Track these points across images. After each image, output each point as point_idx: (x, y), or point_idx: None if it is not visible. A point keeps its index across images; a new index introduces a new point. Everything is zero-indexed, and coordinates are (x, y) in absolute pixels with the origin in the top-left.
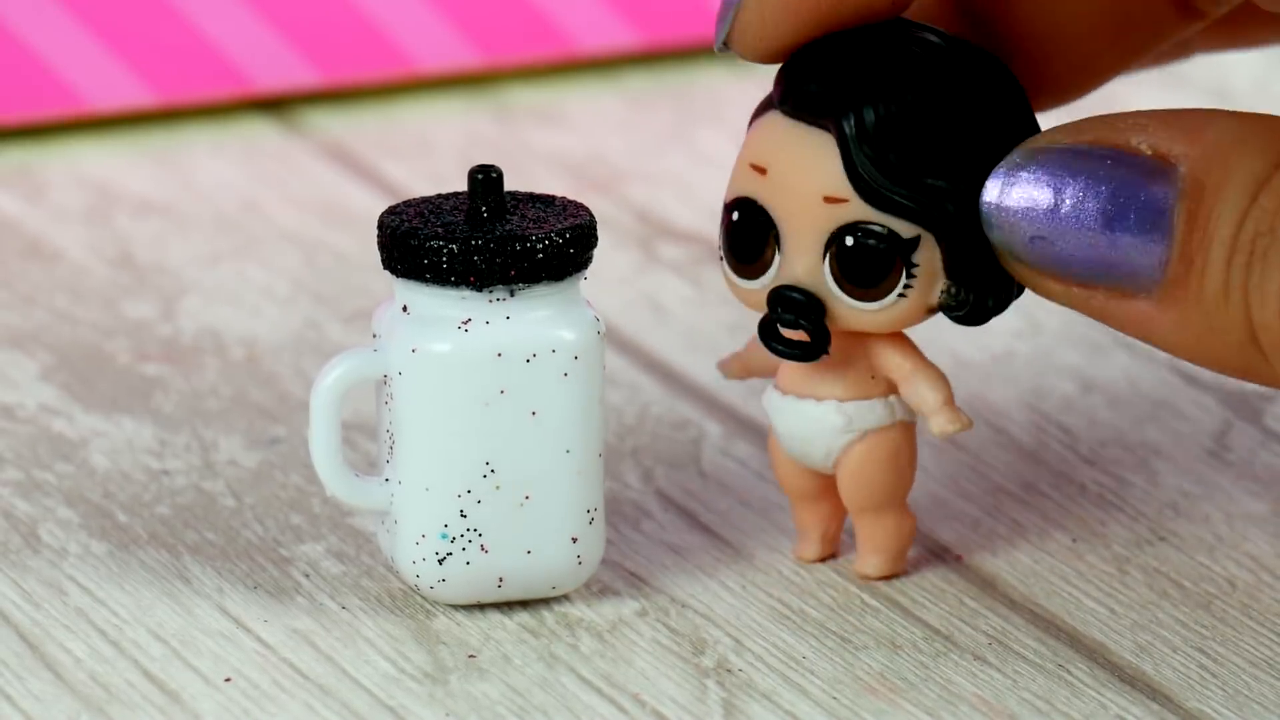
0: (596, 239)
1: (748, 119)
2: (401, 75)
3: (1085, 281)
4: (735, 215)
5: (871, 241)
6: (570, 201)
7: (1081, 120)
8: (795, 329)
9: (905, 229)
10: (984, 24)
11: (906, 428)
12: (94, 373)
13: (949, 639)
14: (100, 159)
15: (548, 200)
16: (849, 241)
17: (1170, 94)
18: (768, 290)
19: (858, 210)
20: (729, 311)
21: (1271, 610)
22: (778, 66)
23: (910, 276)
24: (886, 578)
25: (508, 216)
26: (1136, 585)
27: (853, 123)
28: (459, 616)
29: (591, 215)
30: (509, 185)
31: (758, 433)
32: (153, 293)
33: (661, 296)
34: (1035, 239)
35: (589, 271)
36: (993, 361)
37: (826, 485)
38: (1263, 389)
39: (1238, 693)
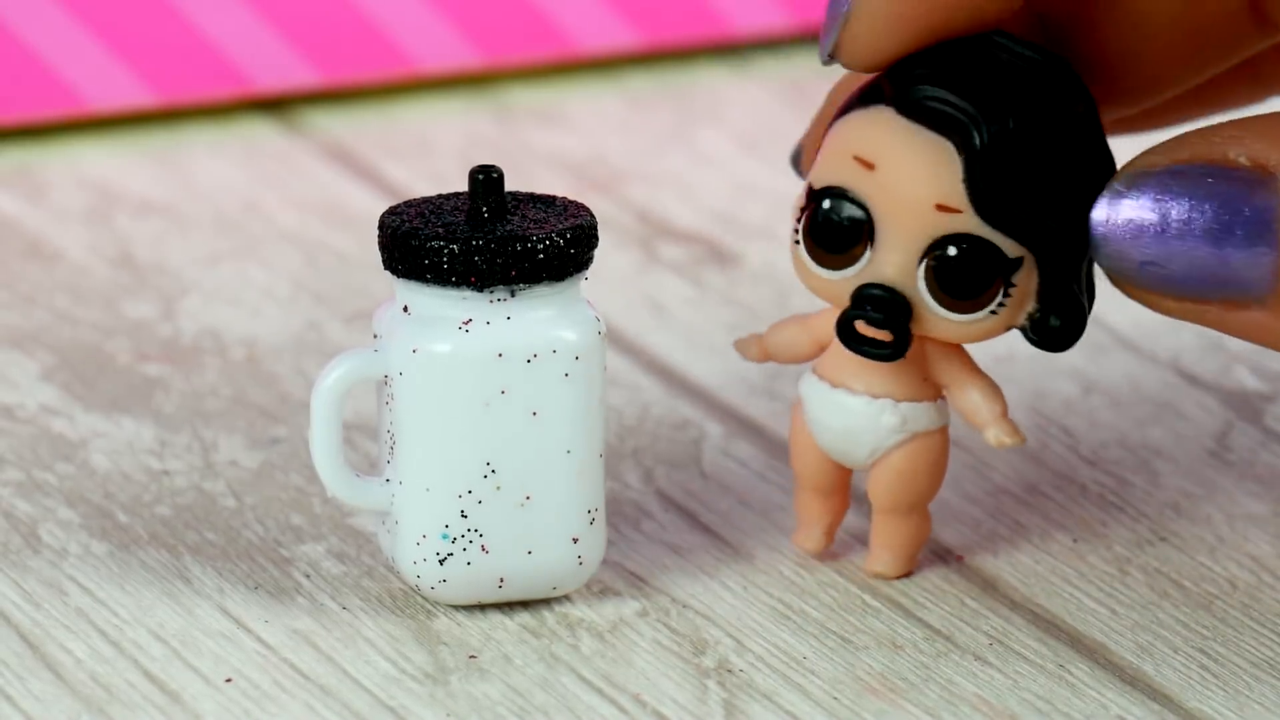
0: (597, 239)
1: (837, 102)
2: (402, 75)
3: (1198, 298)
4: (827, 203)
5: (978, 256)
6: (571, 202)
7: (1178, 137)
8: (881, 329)
9: (1011, 248)
10: (1060, 33)
11: (946, 432)
12: (94, 373)
13: (950, 639)
14: (100, 159)
15: (548, 200)
16: (952, 252)
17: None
18: (851, 284)
19: (968, 223)
20: (729, 311)
21: (1272, 611)
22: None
23: (1006, 295)
24: (895, 577)
25: (508, 217)
26: (1137, 586)
27: (983, 137)
28: (460, 617)
29: (592, 215)
30: (509, 186)
31: (758, 433)
32: (153, 293)
33: (662, 297)
34: (1145, 264)
35: (590, 272)
36: (994, 362)
37: (843, 479)
38: (1265, 389)
39: (1238, 693)
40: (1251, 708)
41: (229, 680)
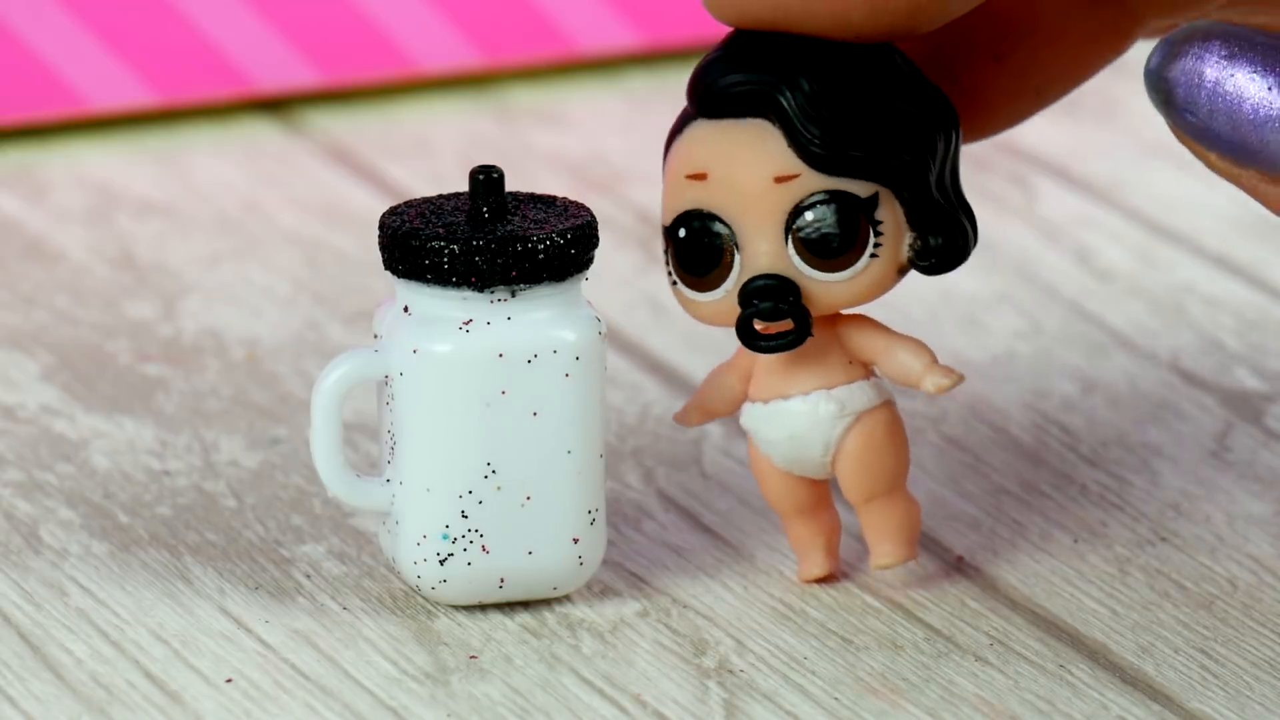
0: (597, 239)
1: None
2: (402, 75)
3: (1235, 161)
4: (682, 231)
5: (832, 208)
6: (571, 202)
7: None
8: (776, 318)
9: (862, 189)
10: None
11: (891, 406)
12: (95, 373)
13: (950, 640)
14: (101, 159)
15: (549, 201)
16: (810, 216)
17: None
18: (734, 294)
19: (811, 182)
20: None
21: (1273, 611)
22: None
23: (878, 234)
24: (901, 563)
25: (509, 217)
26: (1138, 586)
27: (789, 97)
28: (460, 617)
29: (592, 216)
30: (510, 186)
31: None
32: (153, 293)
33: (662, 297)
34: (1187, 113)
35: (590, 272)
36: (993, 362)
37: (821, 495)
38: (1265, 389)
39: (1239, 693)
40: (1252, 708)
41: (229, 680)
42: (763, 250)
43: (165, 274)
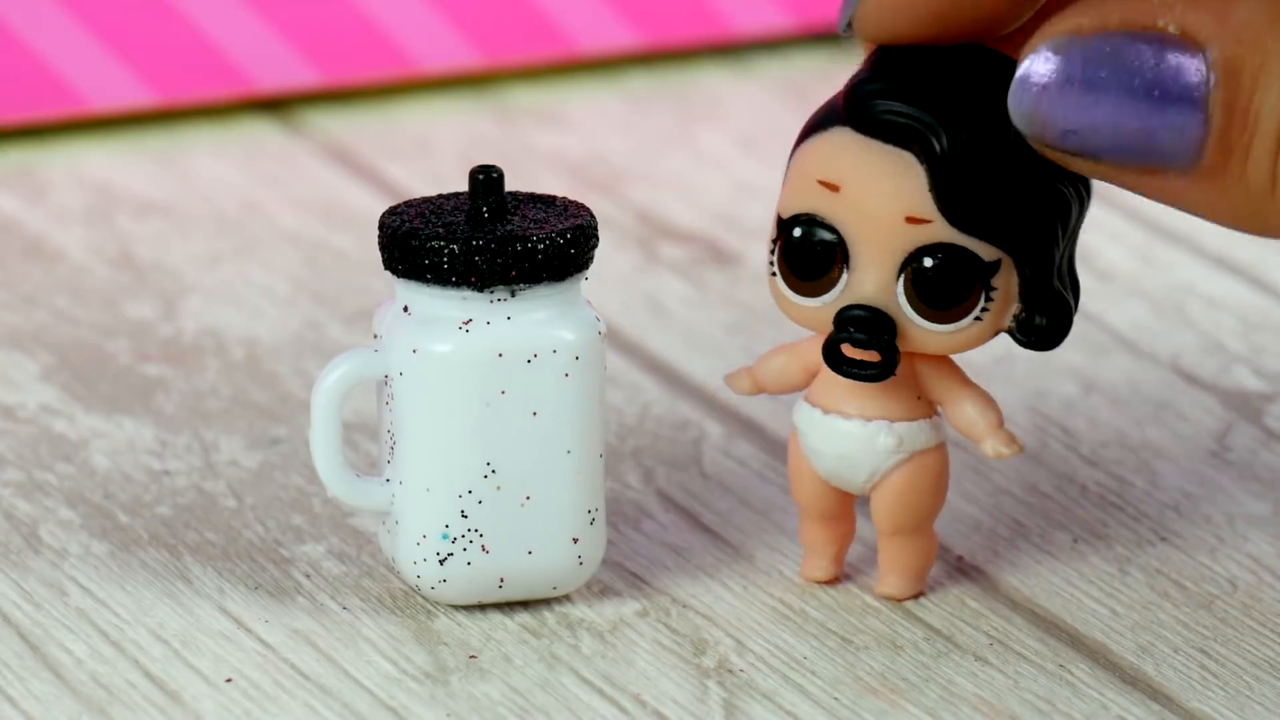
0: (597, 239)
1: (798, 131)
2: (401, 75)
3: (1118, 164)
4: (798, 231)
5: (954, 263)
6: (571, 202)
7: (1107, 1)
8: (867, 349)
9: (987, 252)
10: None
11: (944, 449)
12: (95, 373)
13: (950, 639)
14: (101, 159)
15: (548, 200)
16: (929, 263)
17: None
18: (832, 309)
19: (940, 232)
20: (729, 312)
21: (1273, 611)
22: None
23: (988, 300)
24: (906, 598)
25: (508, 217)
26: (1138, 586)
27: (943, 144)
28: (460, 617)
29: (592, 215)
30: (509, 185)
31: (758, 433)
32: (153, 293)
33: (662, 297)
34: (1067, 133)
35: (590, 272)
36: (994, 362)
37: (846, 505)
38: (1265, 389)
39: (1239, 693)
40: (1251, 708)
41: (229, 680)
42: (871, 279)
43: (165, 274)
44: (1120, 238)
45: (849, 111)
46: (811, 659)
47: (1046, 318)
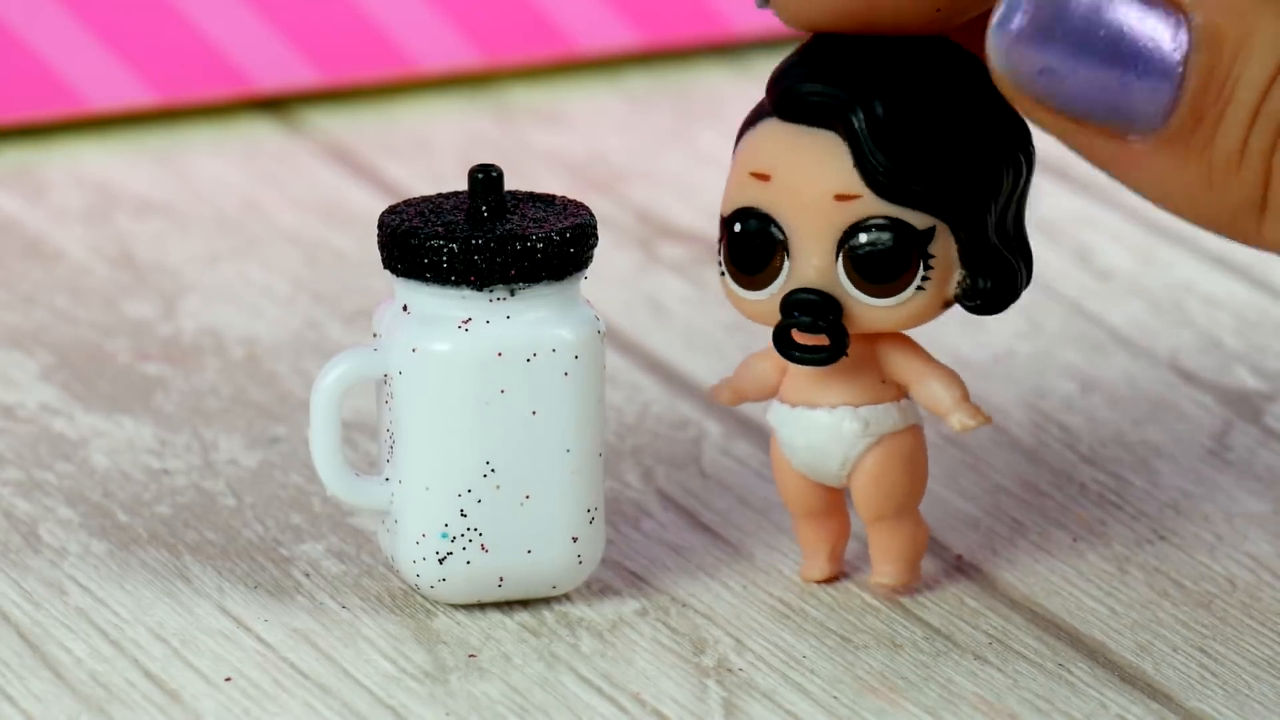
0: (597, 239)
1: (735, 134)
2: (401, 75)
3: (1082, 118)
4: (737, 226)
5: (887, 235)
6: (570, 201)
7: None
8: (814, 332)
9: (920, 220)
10: None
11: (917, 430)
12: (94, 372)
13: (949, 638)
14: (100, 159)
15: (548, 200)
16: (864, 238)
17: None
18: (778, 298)
19: (870, 206)
20: (729, 311)
21: (1272, 610)
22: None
23: (928, 268)
24: (902, 587)
25: (508, 216)
26: (1137, 584)
27: (861, 118)
28: (459, 616)
29: (592, 215)
30: (509, 185)
31: (758, 432)
32: (153, 292)
33: (661, 296)
34: (1043, 71)
35: (589, 271)
36: (993, 361)
37: (834, 501)
38: (1264, 388)
39: (1238, 692)
40: (1251, 707)
41: (229, 679)
42: (812, 263)
43: (165, 273)
44: (1120, 237)
45: (772, 100)
46: (811, 658)
47: (990, 279)
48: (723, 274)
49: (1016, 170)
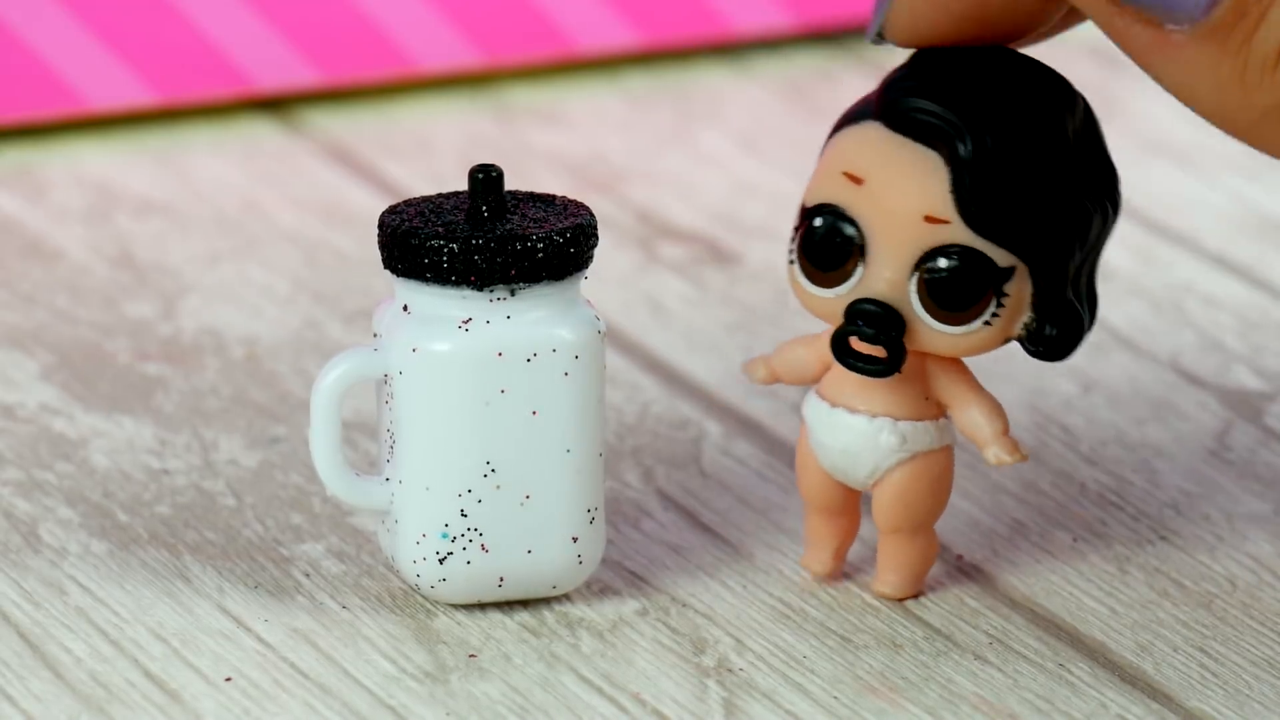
0: (597, 239)
1: (833, 122)
2: (401, 75)
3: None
4: (818, 221)
5: (968, 266)
6: (570, 201)
7: None
8: (874, 344)
9: (1002, 258)
10: None
11: (949, 451)
12: (94, 372)
13: (949, 638)
14: (100, 159)
15: (548, 200)
16: (943, 263)
17: None
18: (844, 301)
19: (957, 233)
20: (729, 311)
21: (1272, 610)
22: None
23: (999, 306)
24: (904, 598)
25: (508, 216)
26: (1137, 585)
27: (969, 147)
28: (459, 616)
29: (592, 215)
30: (509, 185)
31: (758, 432)
32: (153, 292)
33: (662, 296)
34: None
35: (589, 271)
36: (993, 360)
37: (851, 500)
38: (1264, 388)
39: (1238, 692)
40: (1251, 707)
41: (229, 679)
42: (885, 275)
43: (165, 273)
44: (1120, 237)
45: (881, 106)
46: (811, 658)
47: (1057, 329)
48: (791, 262)
49: (1104, 219)
